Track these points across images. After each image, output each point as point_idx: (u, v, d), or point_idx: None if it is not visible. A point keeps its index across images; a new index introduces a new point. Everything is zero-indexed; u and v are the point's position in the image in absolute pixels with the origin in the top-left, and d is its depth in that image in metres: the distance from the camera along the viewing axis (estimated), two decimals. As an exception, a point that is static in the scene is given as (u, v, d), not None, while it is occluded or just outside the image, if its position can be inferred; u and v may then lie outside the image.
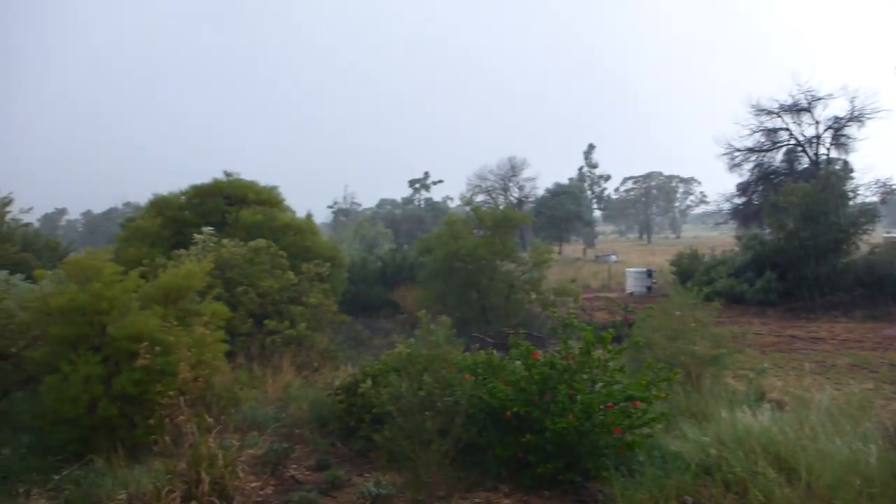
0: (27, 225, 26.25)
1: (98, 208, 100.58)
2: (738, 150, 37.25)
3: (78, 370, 6.72)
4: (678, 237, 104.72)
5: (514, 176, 74.29)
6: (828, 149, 34.61)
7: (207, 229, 14.31)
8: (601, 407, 5.89)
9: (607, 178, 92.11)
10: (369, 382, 7.28)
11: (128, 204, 79.75)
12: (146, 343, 6.44)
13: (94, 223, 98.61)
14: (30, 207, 26.52)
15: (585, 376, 6.25)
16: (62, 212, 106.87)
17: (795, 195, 24.51)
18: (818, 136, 34.58)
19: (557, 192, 69.04)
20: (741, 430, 6.23)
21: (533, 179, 75.32)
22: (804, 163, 35.59)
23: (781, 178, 34.36)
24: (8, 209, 24.63)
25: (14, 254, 18.91)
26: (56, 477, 6.06)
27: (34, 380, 8.20)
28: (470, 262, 17.01)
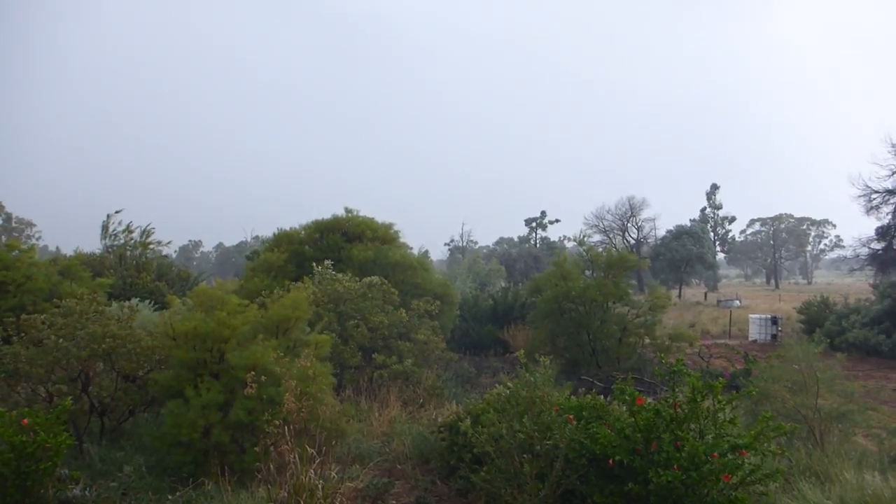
0: (165, 257, 28.16)
1: (229, 241, 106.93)
2: (876, 192, 34.82)
3: (200, 396, 7.07)
4: (809, 283, 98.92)
5: (632, 216, 72.92)
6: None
7: (327, 262, 14.91)
8: (707, 457, 5.55)
9: (732, 219, 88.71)
10: (469, 421, 7.24)
11: (256, 237, 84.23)
12: (253, 373, 6.71)
13: (226, 255, 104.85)
14: (168, 241, 28.64)
15: (693, 426, 5.95)
16: (197, 244, 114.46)
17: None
18: (970, 177, 31.83)
19: (679, 234, 66.91)
20: (869, 496, 5.78)
21: (652, 220, 73.77)
22: (952, 205, 32.80)
23: (926, 222, 31.72)
24: (150, 241, 26.69)
25: (149, 283, 20.35)
26: (170, 497, 6.38)
27: (157, 402, 8.72)
28: (580, 304, 16.69)
